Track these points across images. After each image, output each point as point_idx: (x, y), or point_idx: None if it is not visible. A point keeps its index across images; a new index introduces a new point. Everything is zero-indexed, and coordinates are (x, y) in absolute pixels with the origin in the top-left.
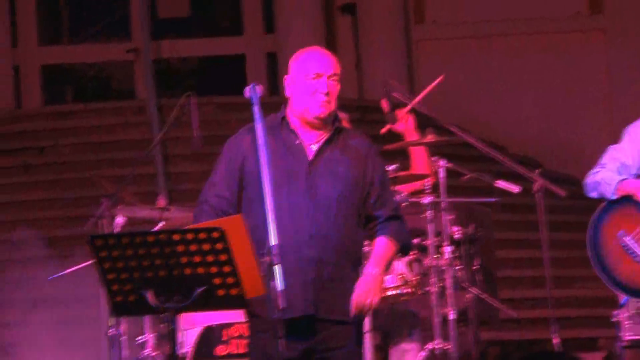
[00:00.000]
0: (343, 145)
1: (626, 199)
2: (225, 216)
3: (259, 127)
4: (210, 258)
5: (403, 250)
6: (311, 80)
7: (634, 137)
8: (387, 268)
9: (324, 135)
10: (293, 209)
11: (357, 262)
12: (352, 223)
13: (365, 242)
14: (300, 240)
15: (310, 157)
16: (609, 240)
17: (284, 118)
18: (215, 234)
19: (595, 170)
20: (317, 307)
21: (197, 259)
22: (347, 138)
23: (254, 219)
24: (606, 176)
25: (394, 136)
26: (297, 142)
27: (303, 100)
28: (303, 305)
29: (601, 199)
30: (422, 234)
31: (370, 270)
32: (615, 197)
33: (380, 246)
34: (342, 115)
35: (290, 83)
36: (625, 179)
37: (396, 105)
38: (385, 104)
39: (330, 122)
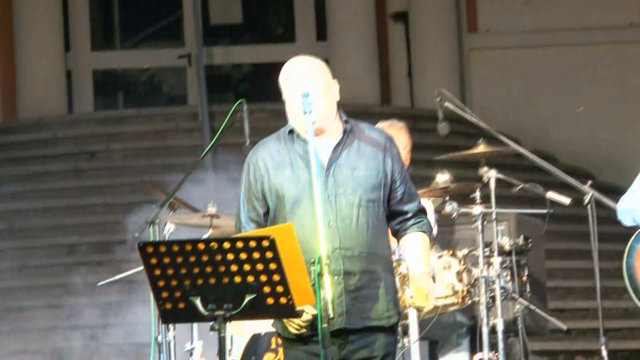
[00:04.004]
0: (358, 145)
1: None
2: None
3: (310, 135)
4: (260, 266)
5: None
6: (289, 90)
7: None
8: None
9: (334, 140)
10: (315, 223)
11: (386, 262)
12: (377, 225)
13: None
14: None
15: (325, 166)
16: None
17: (292, 130)
18: (265, 243)
19: (627, 196)
20: (349, 319)
21: (247, 267)
22: (361, 135)
23: None
24: None
25: (445, 147)
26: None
27: (293, 113)
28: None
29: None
30: (472, 243)
31: (422, 268)
32: None
33: (423, 243)
34: (400, 125)
35: (285, 101)
36: None
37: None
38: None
39: (332, 123)
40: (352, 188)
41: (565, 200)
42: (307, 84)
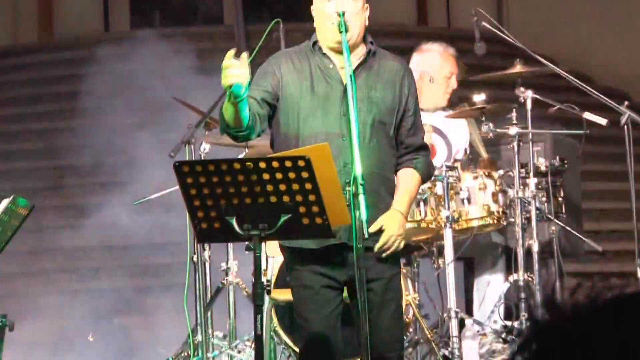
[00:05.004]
0: (378, 68)
1: None
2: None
3: (345, 53)
4: (295, 186)
5: (425, 182)
6: (324, 3)
7: None
8: (411, 203)
9: (356, 60)
10: (327, 136)
11: (390, 186)
12: (387, 148)
13: None
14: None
15: (344, 82)
16: None
17: (315, 43)
18: (301, 163)
19: None
20: (350, 235)
21: (282, 187)
22: (382, 60)
23: (287, 146)
24: None
25: (482, 67)
26: (331, 66)
27: (321, 28)
28: (342, 233)
29: None
30: (508, 164)
31: (399, 207)
32: None
33: (410, 180)
34: (453, 53)
35: (314, 13)
36: None
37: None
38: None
39: (359, 44)
40: (367, 107)
41: (602, 121)
42: (345, 2)
